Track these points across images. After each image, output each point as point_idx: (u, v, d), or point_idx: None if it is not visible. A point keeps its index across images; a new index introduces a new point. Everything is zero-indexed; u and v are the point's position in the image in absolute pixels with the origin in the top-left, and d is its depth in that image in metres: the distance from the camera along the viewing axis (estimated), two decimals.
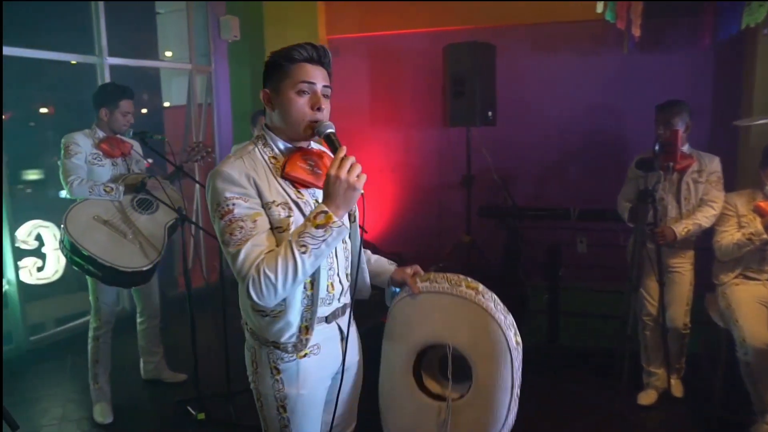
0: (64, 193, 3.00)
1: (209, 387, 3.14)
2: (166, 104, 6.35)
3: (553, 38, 4.69)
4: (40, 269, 3.97)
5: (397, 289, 1.77)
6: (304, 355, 1.55)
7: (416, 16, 4.94)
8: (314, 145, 1.61)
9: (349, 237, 1.68)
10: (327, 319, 1.58)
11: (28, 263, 3.91)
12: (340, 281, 1.59)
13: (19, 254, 3.87)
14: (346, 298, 1.66)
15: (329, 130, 1.45)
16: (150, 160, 3.30)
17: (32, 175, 6.32)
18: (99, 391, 3.17)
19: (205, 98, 5.48)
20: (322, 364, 1.58)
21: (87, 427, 3.13)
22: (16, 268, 3.83)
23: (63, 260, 3.92)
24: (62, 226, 2.79)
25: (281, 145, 1.53)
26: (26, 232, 3.87)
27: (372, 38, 5.24)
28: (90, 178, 2.98)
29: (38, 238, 3.93)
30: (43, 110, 6.99)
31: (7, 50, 3.78)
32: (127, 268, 2.78)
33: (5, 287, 3.81)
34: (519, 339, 1.64)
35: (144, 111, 6.96)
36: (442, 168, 5.02)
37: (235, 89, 5.58)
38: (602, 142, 4.61)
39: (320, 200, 1.43)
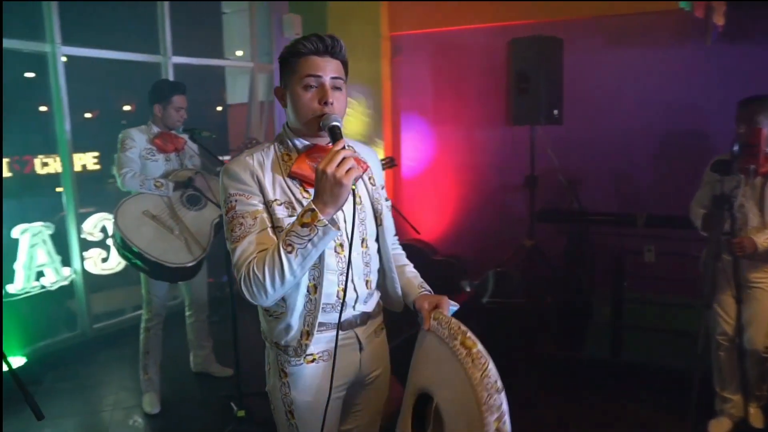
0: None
1: (254, 385, 3.12)
2: (236, 102, 6.49)
3: (625, 31, 4.34)
4: (104, 260, 4.14)
5: None
6: (312, 361, 1.48)
7: (480, 10, 4.75)
8: None
9: (376, 240, 1.58)
10: (341, 326, 1.48)
11: (93, 254, 4.07)
12: (355, 288, 1.49)
13: (86, 245, 4.05)
14: (367, 306, 1.56)
15: (333, 123, 1.36)
16: (227, 158, 3.32)
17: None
18: (148, 382, 3.25)
19: (267, 96, 5.54)
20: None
21: (136, 415, 3.21)
22: (82, 259, 4.01)
23: None
24: (113, 221, 2.87)
25: (297, 142, 1.48)
26: (92, 225, 4.03)
27: (435, 34, 5.10)
28: (143, 172, 3.05)
29: (103, 230, 4.09)
30: (126, 108, 7.36)
31: (76, 50, 3.96)
32: (171, 264, 2.82)
33: (72, 276, 3.99)
34: (505, 426, 1.22)
35: (219, 108, 7.18)
36: (504, 168, 4.82)
37: None
38: (680, 142, 4.22)
39: None
